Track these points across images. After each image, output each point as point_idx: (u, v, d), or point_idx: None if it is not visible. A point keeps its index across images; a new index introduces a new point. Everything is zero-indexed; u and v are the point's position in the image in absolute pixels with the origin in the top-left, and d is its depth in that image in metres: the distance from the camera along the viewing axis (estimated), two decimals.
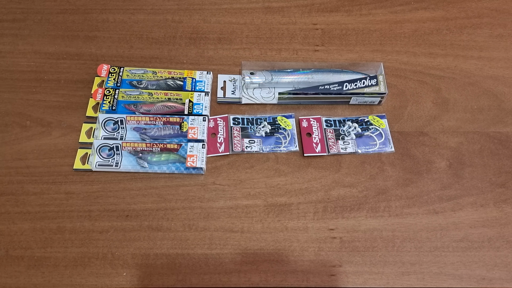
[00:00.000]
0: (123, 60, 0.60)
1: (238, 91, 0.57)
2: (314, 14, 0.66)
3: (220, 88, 0.58)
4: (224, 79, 0.58)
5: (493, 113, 0.58)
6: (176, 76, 0.57)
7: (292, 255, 0.47)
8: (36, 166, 0.51)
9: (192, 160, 0.51)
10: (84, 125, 0.54)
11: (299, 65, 0.58)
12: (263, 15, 0.65)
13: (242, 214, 0.49)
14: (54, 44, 0.61)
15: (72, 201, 0.49)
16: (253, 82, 0.56)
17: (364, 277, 0.46)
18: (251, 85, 0.56)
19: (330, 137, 0.54)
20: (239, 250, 0.47)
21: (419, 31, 0.65)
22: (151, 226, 0.48)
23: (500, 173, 0.53)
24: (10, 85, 0.57)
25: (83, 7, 0.65)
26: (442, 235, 0.49)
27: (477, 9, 0.68)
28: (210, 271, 0.46)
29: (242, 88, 0.57)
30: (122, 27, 0.63)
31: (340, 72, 0.57)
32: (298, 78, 0.56)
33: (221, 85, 0.58)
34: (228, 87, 0.58)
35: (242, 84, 0.56)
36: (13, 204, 0.49)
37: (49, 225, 0.48)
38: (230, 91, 0.57)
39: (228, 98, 0.57)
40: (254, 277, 0.46)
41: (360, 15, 0.66)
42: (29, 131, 0.54)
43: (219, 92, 0.57)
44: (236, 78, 0.59)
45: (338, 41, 0.63)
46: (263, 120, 0.55)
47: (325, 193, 0.51)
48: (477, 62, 0.62)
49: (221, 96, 0.57)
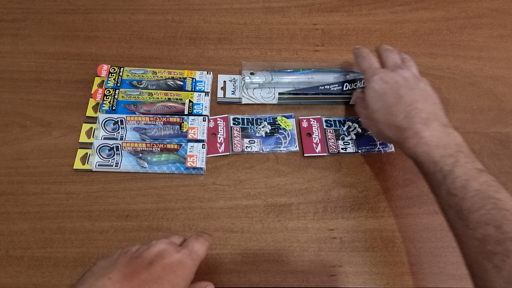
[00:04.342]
0: (123, 60, 0.60)
1: (238, 91, 0.57)
2: (314, 14, 0.66)
3: (220, 88, 0.58)
4: (224, 79, 0.58)
5: (493, 113, 0.58)
6: (176, 76, 0.57)
7: (292, 255, 0.47)
8: (36, 166, 0.51)
9: (192, 160, 0.51)
10: (84, 125, 0.54)
11: (299, 65, 0.58)
12: (263, 15, 0.65)
13: (242, 214, 0.49)
14: (54, 44, 0.61)
15: (72, 201, 0.49)
16: (253, 82, 0.55)
17: (364, 277, 0.46)
18: (251, 85, 0.56)
19: (330, 137, 0.54)
20: (239, 250, 0.47)
21: (419, 31, 0.65)
22: (151, 226, 0.48)
23: (500, 173, 0.53)
24: (10, 85, 0.57)
25: (83, 7, 0.65)
26: (442, 235, 0.49)
27: (477, 9, 0.68)
28: (210, 271, 0.46)
29: (242, 88, 0.57)
30: (122, 27, 0.63)
31: (340, 72, 0.56)
32: (298, 78, 0.56)
33: (221, 85, 0.58)
34: (228, 87, 0.58)
35: (242, 84, 0.56)
36: (13, 204, 0.49)
37: (49, 225, 0.48)
38: (230, 91, 0.57)
39: (228, 98, 0.57)
40: (254, 277, 0.46)
41: (360, 15, 0.66)
42: (29, 131, 0.54)
43: (219, 92, 0.57)
44: (236, 78, 0.59)
45: (338, 41, 0.63)
46: (263, 120, 0.55)
47: (325, 193, 0.51)
48: (477, 62, 0.62)
49: (221, 96, 0.57)
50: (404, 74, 0.46)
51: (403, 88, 0.45)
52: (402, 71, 0.46)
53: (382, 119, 0.45)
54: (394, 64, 0.48)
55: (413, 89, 0.45)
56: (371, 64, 0.49)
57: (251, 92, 0.57)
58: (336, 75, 0.56)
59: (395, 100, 0.44)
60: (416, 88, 0.45)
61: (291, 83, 0.56)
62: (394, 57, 0.49)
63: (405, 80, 0.45)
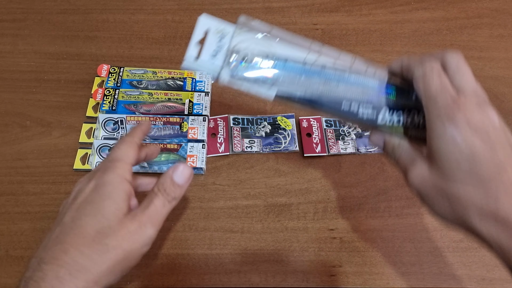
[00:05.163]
0: (123, 60, 0.60)
1: (221, 56, 0.35)
2: (314, 14, 0.66)
3: (195, 41, 0.35)
4: (208, 27, 0.36)
5: None
6: (176, 76, 0.57)
7: (292, 255, 0.47)
8: (36, 166, 0.51)
9: (192, 160, 0.51)
10: (84, 125, 0.54)
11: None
12: (263, 15, 0.65)
13: (242, 214, 0.49)
14: (54, 44, 0.61)
15: None
16: (244, 78, 0.35)
17: (364, 277, 0.46)
18: (239, 77, 0.35)
19: (330, 137, 0.54)
20: (239, 250, 0.47)
21: (419, 31, 0.65)
22: None
23: None
24: (10, 85, 0.57)
25: (83, 7, 0.65)
26: (442, 235, 0.49)
27: (477, 9, 0.68)
28: (210, 271, 0.46)
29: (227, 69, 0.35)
30: (122, 27, 0.63)
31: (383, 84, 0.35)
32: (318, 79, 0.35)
33: (200, 36, 0.36)
34: (209, 43, 0.36)
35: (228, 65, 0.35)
36: (13, 204, 0.49)
37: (49, 225, 0.48)
38: (211, 52, 0.35)
39: (202, 63, 0.35)
40: (254, 277, 0.46)
41: (360, 15, 0.66)
42: (29, 131, 0.54)
43: (192, 48, 0.35)
44: (228, 31, 0.36)
45: (338, 41, 0.63)
46: (263, 120, 0.55)
47: (325, 193, 0.51)
48: (477, 62, 0.62)
49: (192, 56, 0.35)
50: (494, 117, 0.29)
51: (499, 147, 0.27)
52: (491, 110, 0.29)
53: (470, 198, 0.27)
54: (474, 91, 0.29)
55: (509, 148, 0.28)
56: (444, 88, 0.29)
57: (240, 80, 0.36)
58: (375, 85, 0.34)
59: (494, 170, 0.27)
60: (509, 145, 0.28)
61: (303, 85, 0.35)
62: (468, 75, 0.30)
63: (497, 131, 0.28)
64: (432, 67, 0.30)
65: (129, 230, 0.31)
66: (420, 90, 0.30)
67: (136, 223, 0.31)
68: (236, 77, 0.34)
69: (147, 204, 0.33)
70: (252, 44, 0.35)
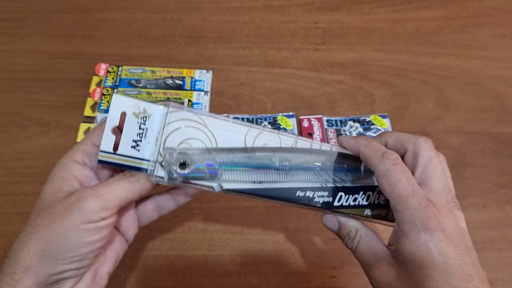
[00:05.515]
0: (122, 59, 0.59)
1: (148, 144, 0.29)
2: (315, 13, 0.66)
3: (109, 129, 0.28)
4: (123, 108, 0.28)
5: (496, 113, 0.57)
6: (175, 75, 0.57)
7: (292, 257, 0.47)
8: (34, 166, 0.51)
9: None
10: (82, 125, 0.53)
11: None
12: (264, 13, 0.65)
13: (242, 215, 0.49)
14: (52, 43, 0.61)
15: None
16: (184, 181, 0.29)
17: (365, 278, 0.46)
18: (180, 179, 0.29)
19: (331, 137, 0.54)
20: (239, 251, 0.47)
21: (420, 30, 0.64)
22: (149, 227, 0.48)
23: (503, 174, 0.52)
24: (8, 85, 0.57)
25: (81, 6, 0.65)
26: None
27: (479, 8, 0.67)
28: (210, 273, 0.45)
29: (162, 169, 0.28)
30: (121, 26, 0.63)
31: (340, 161, 0.34)
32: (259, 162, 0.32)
33: (114, 123, 0.28)
34: (129, 128, 0.28)
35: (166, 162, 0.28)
36: (11, 204, 0.48)
37: None
38: (131, 140, 0.28)
39: (122, 157, 0.28)
40: (254, 279, 0.45)
41: (362, 14, 0.66)
42: (27, 131, 0.53)
43: (106, 139, 0.28)
44: (153, 111, 0.29)
45: (339, 40, 0.63)
46: (263, 120, 0.55)
47: None
48: (479, 61, 0.62)
49: (106, 149, 0.28)
50: (462, 222, 0.29)
51: (467, 254, 0.27)
52: (460, 213, 0.29)
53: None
54: (444, 191, 0.29)
55: (472, 254, 0.28)
56: (415, 191, 0.27)
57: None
58: (328, 163, 0.33)
59: (464, 278, 0.26)
60: (470, 249, 0.28)
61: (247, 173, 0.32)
62: (439, 171, 0.29)
63: (465, 237, 0.28)
64: (395, 162, 0.28)
65: (64, 206, 0.27)
66: (385, 187, 0.28)
67: (75, 196, 0.27)
68: (175, 179, 0.29)
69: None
70: (189, 138, 0.30)
